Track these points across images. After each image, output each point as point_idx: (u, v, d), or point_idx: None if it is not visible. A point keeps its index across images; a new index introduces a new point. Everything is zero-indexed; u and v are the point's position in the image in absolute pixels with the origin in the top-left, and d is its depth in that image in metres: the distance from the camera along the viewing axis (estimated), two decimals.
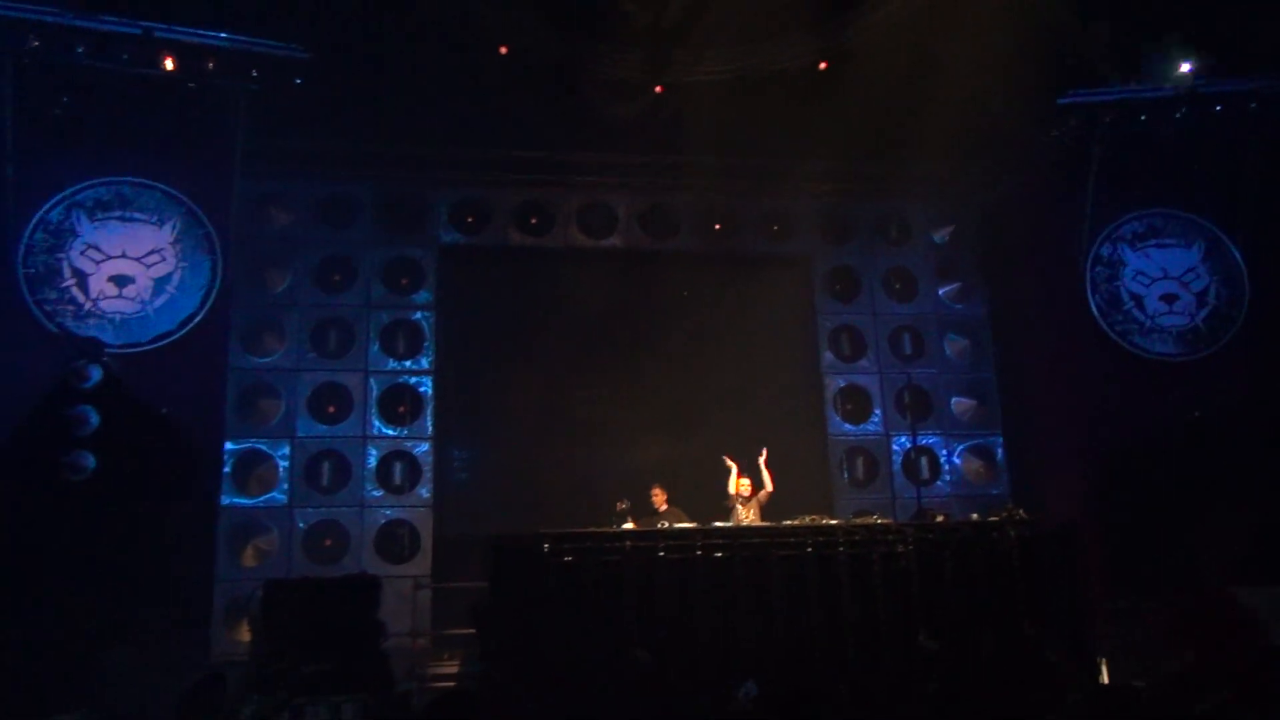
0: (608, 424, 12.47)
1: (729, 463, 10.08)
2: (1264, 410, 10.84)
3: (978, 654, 8.58)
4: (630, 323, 12.59)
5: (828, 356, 13.08)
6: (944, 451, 12.79)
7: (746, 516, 9.83)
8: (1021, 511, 9.43)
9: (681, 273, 12.75)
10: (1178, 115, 11.40)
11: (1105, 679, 9.20)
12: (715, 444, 10.56)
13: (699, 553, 8.77)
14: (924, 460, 12.68)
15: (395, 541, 11.40)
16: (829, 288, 13.36)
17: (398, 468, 11.69)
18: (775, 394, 12.63)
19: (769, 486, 9.98)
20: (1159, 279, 12.08)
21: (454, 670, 9.29)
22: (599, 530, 8.93)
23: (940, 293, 13.44)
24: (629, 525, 9.34)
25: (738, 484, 10.00)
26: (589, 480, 11.72)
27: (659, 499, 10.12)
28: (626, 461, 11.77)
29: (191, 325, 10.48)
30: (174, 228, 10.66)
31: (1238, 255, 12.03)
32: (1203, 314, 11.91)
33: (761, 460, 10.09)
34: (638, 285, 12.69)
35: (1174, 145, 11.69)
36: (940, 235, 13.67)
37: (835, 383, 13.00)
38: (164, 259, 10.58)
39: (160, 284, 10.52)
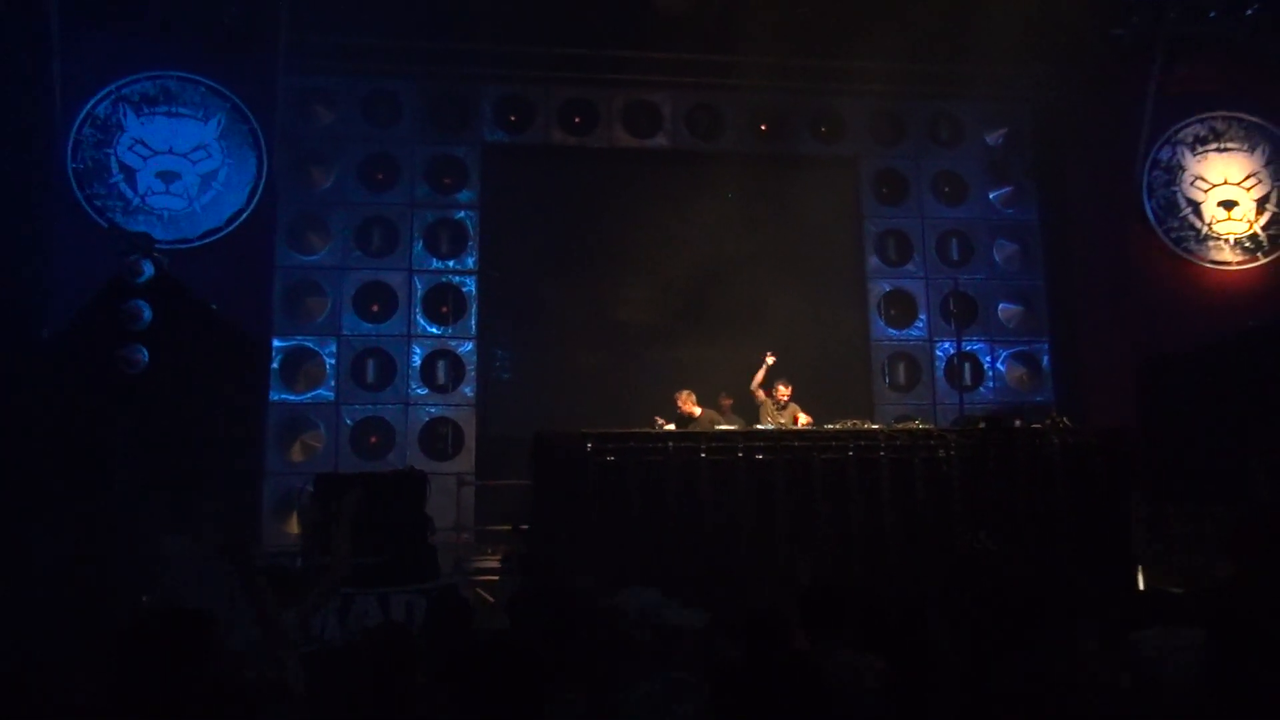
0: (650, 326, 12.47)
1: (768, 358, 10.09)
2: None
3: (1022, 556, 8.61)
4: (674, 225, 12.46)
5: (873, 261, 12.93)
6: (988, 358, 12.70)
7: (784, 421, 9.83)
8: (1065, 419, 9.36)
9: (727, 174, 12.57)
10: (1248, 13, 10.93)
11: (1141, 586, 9.23)
12: (757, 347, 10.55)
13: (740, 455, 8.82)
14: (967, 366, 12.60)
15: (439, 439, 11.59)
16: (876, 190, 13.14)
17: (441, 366, 11.83)
18: (820, 298, 12.55)
19: (804, 417, 9.94)
20: (1218, 185, 11.75)
21: (497, 565, 9.51)
22: (641, 430, 8.99)
23: (991, 197, 13.17)
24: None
25: (775, 385, 9.98)
26: (631, 382, 11.80)
27: (687, 404, 10.11)
28: (668, 364, 11.82)
29: (239, 222, 10.55)
30: (219, 123, 10.65)
31: None
32: (1262, 221, 11.59)
33: (767, 363, 10.03)
34: (682, 187, 12.55)
35: (1241, 45, 11.23)
36: (994, 138, 13.34)
37: (880, 287, 12.88)
38: (210, 155, 10.60)
39: (207, 180, 10.56)
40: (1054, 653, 4.25)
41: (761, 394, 10.18)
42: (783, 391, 10.00)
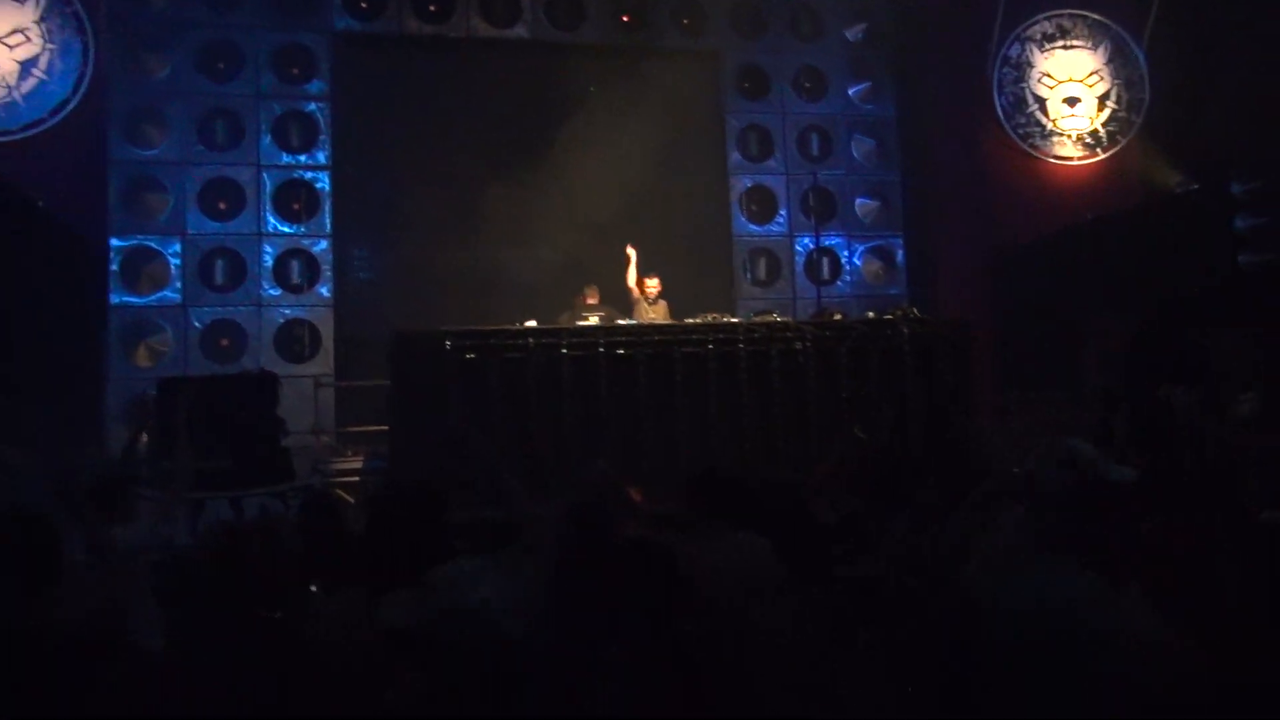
0: (514, 221, 12.23)
1: (629, 251, 10.06)
2: (1154, 213, 11.14)
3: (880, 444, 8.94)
4: (536, 118, 12.19)
5: (735, 156, 12.95)
6: (845, 252, 12.96)
7: (655, 316, 9.87)
8: (915, 310, 9.68)
9: (588, 66, 12.34)
10: None
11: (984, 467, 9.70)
12: (622, 243, 10.51)
13: (602, 350, 8.85)
14: (826, 261, 12.84)
15: (295, 341, 11.26)
16: (738, 85, 13.09)
17: (295, 266, 11.43)
18: (682, 193, 12.53)
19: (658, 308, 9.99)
20: (1063, 81, 12.11)
21: (358, 465, 9.40)
22: (501, 328, 8.91)
23: (850, 93, 13.28)
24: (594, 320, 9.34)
25: (640, 279, 10.00)
26: (495, 278, 11.63)
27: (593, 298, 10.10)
28: (533, 259, 11.69)
29: (65, 113, 9.89)
30: (37, 4, 9.85)
31: (1141, 58, 12.07)
32: (1103, 117, 12.03)
33: (630, 256, 10.04)
34: (544, 79, 12.26)
35: None
36: (853, 33, 13.38)
37: (741, 183, 12.93)
38: (28, 39, 9.82)
39: (26, 67, 9.81)
40: (919, 529, 4.45)
41: (635, 290, 10.17)
42: (651, 286, 10.00)
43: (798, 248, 12.85)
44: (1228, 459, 5.74)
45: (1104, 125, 12.03)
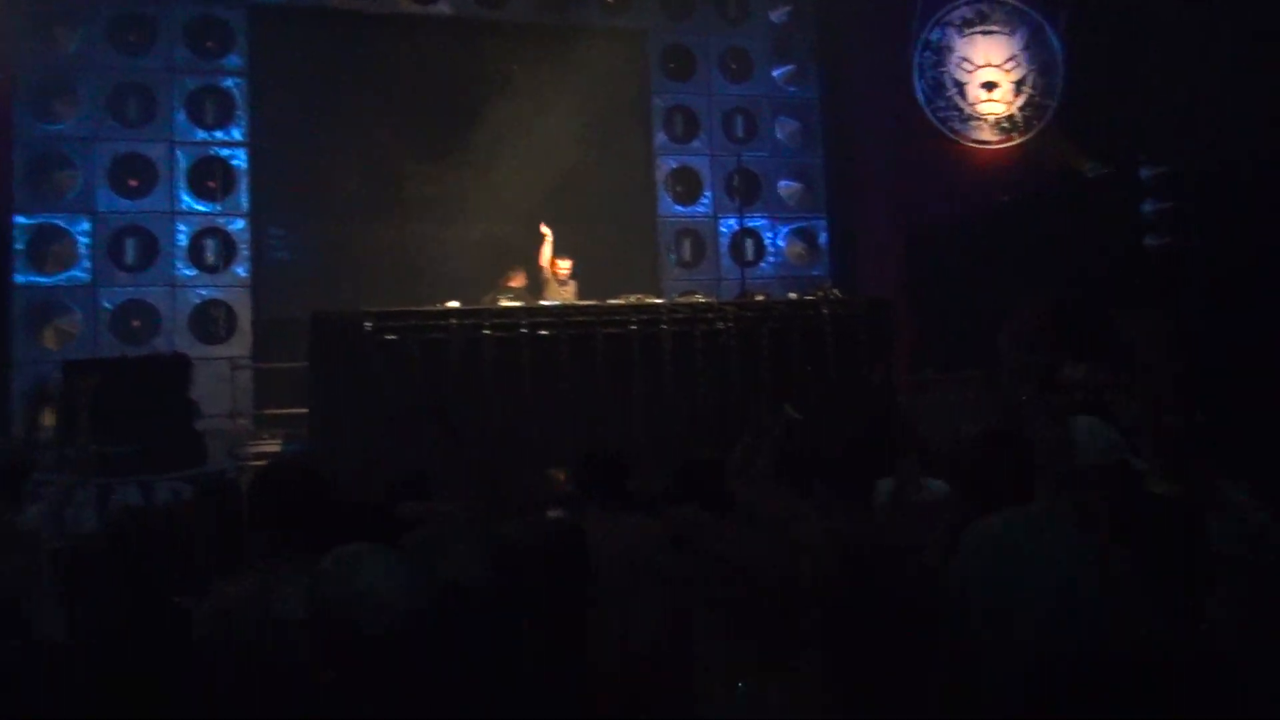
0: (438, 201, 12.11)
1: (544, 229, 10.01)
2: (1068, 196, 11.39)
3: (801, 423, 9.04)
4: (460, 97, 12.04)
5: (660, 137, 12.96)
6: (769, 234, 13.06)
7: (565, 298, 9.84)
8: (836, 290, 9.81)
9: (512, 44, 12.23)
10: None
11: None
12: (546, 222, 10.44)
13: (524, 331, 8.82)
14: (750, 242, 12.92)
15: (211, 322, 11.03)
16: (664, 66, 13.08)
17: (211, 245, 11.17)
18: (607, 174, 12.48)
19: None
20: (982, 66, 12.30)
21: (275, 449, 9.25)
22: (422, 309, 8.83)
23: (774, 75, 13.36)
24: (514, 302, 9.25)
25: (553, 260, 9.96)
26: (419, 259, 11.50)
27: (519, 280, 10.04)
28: (458, 240, 11.58)
29: None
30: None
31: (1057, 44, 12.32)
32: (1019, 102, 12.26)
33: (545, 235, 10.00)
34: (467, 57, 12.14)
35: None
36: (778, 15, 13.45)
37: (667, 164, 12.95)
38: None
39: None
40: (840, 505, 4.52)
41: (548, 269, 10.13)
42: (562, 267, 9.96)
43: (722, 229, 12.91)
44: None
45: (1020, 110, 12.26)
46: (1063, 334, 9.33)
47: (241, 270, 11.22)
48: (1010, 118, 12.23)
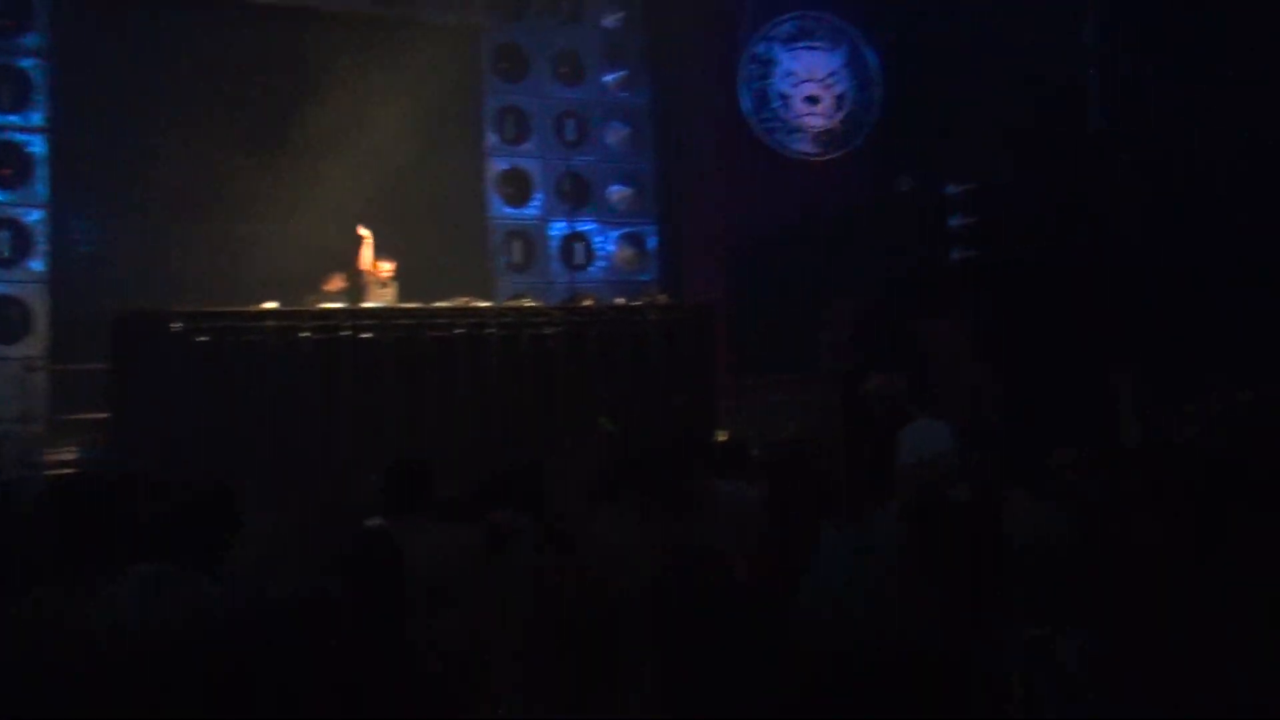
0: (257, 196, 11.60)
1: (362, 232, 9.79)
2: (882, 209, 11.93)
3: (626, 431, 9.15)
4: (283, 88, 11.60)
5: (491, 138, 12.85)
6: (599, 238, 13.13)
7: (386, 301, 9.65)
8: (663, 296, 9.98)
9: (340, 36, 11.87)
10: None
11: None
12: (371, 222, 10.21)
13: (346, 334, 8.61)
14: (580, 246, 12.98)
15: (2, 320, 10.28)
16: (496, 65, 12.98)
17: (3, 237, 10.42)
18: (436, 173, 12.29)
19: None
20: (805, 80, 12.73)
21: (73, 457, 8.72)
22: (236, 309, 8.51)
23: (606, 79, 13.45)
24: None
25: (374, 262, 9.76)
26: (238, 256, 11.04)
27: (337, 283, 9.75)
28: (279, 237, 11.15)
29: None
30: None
31: (874, 62, 12.87)
32: (839, 116, 12.75)
33: (363, 237, 9.84)
34: (291, 47, 11.68)
35: None
36: (610, 20, 13.53)
37: (497, 165, 12.85)
38: None
39: None
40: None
41: (369, 272, 9.90)
42: (384, 269, 9.77)
43: (552, 232, 12.91)
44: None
45: (840, 124, 12.75)
46: (871, 341, 9.77)
47: (38, 264, 10.51)
48: (831, 131, 12.70)
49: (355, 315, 8.79)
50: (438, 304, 9.30)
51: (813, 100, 12.64)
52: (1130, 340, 9.50)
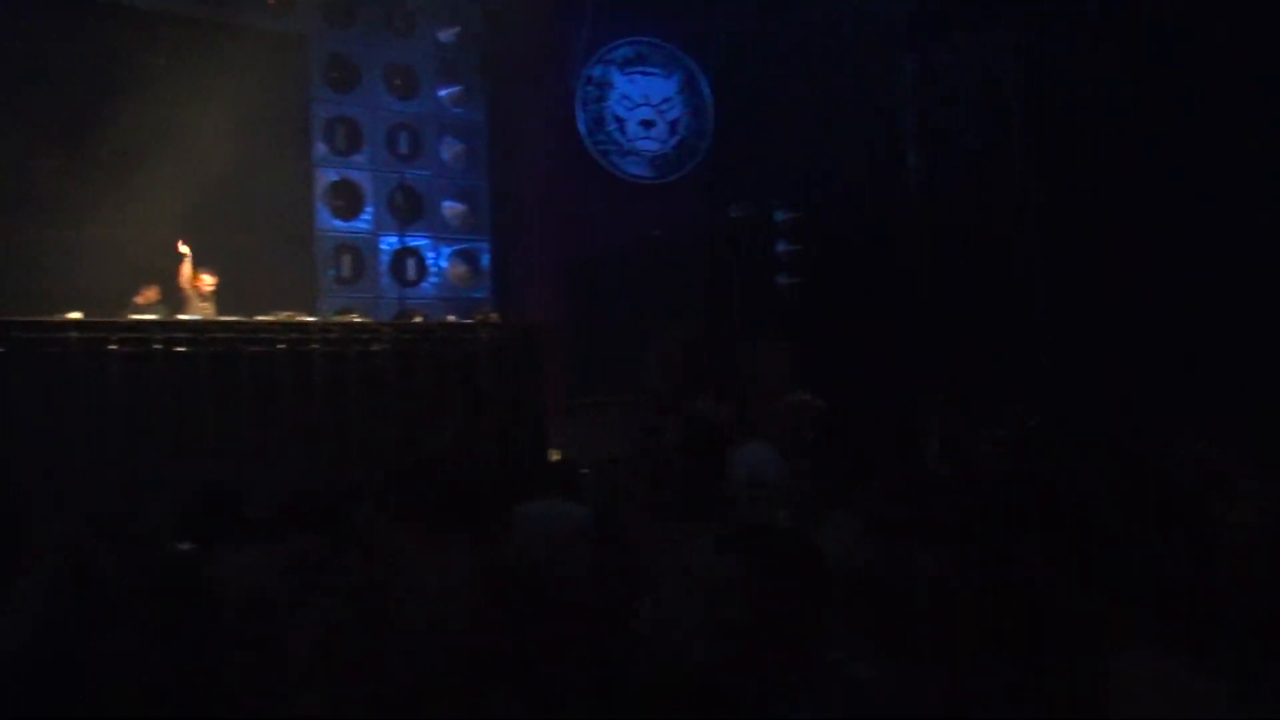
0: (70, 201, 10.93)
1: (182, 248, 9.42)
2: (713, 234, 12.23)
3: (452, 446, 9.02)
4: (99, 89, 10.96)
5: (320, 148, 12.52)
6: (432, 254, 12.97)
7: (206, 315, 9.28)
8: (494, 315, 9.93)
9: (162, 36, 11.35)
10: None
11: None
12: (191, 231, 9.80)
13: (158, 347, 8.20)
14: (411, 262, 12.78)
15: None
16: (327, 74, 12.66)
17: None
18: (262, 182, 11.85)
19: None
20: (641, 104, 12.96)
21: None
22: (36, 319, 7.99)
23: (441, 94, 13.31)
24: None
25: (195, 275, 9.39)
26: (46, 264, 10.33)
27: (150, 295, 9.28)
28: (93, 245, 10.51)
29: None
30: None
31: (707, 91, 13.21)
32: (673, 141, 13.02)
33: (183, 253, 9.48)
34: (111, 45, 11.10)
35: None
36: (446, 35, 13.42)
37: (326, 176, 12.53)
38: None
39: None
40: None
41: (189, 286, 9.50)
42: (207, 282, 9.40)
43: (383, 246, 12.67)
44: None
45: (674, 149, 13.02)
46: (698, 364, 10.00)
47: None
48: (665, 156, 12.96)
49: (168, 328, 8.38)
50: (259, 318, 8.96)
51: (647, 124, 12.87)
52: (939, 368, 10.06)
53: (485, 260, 13.29)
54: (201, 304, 9.34)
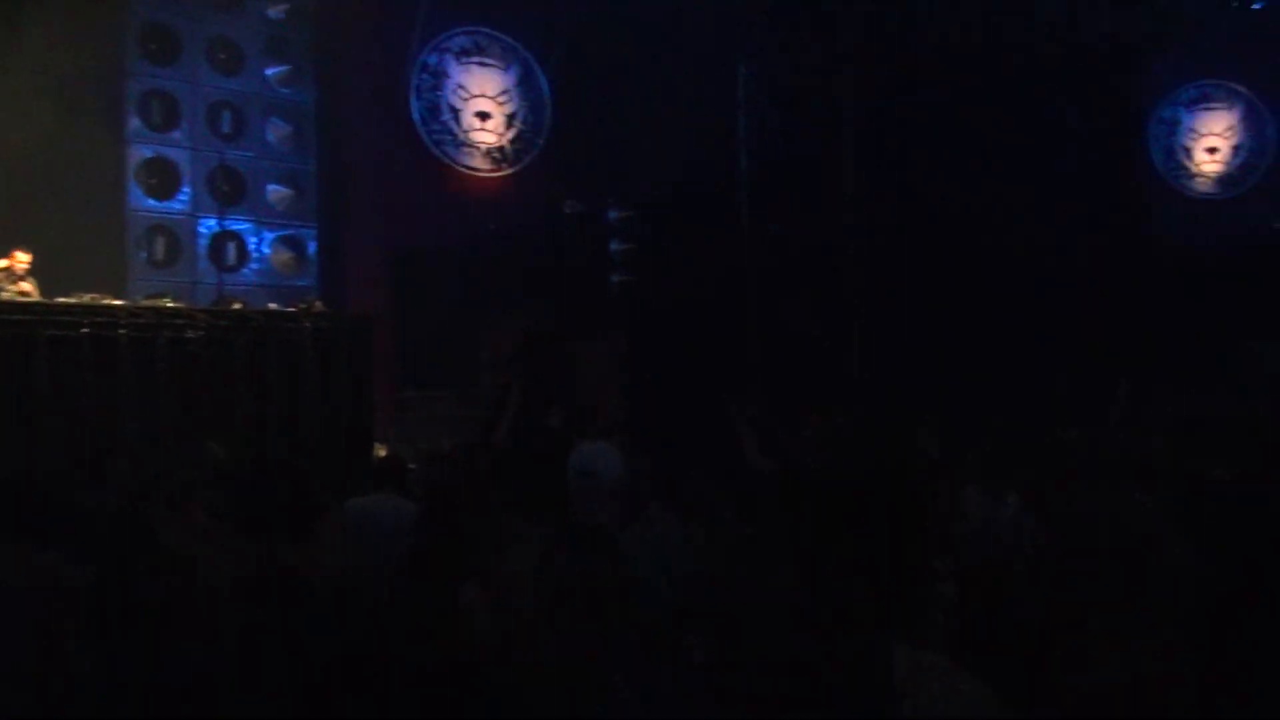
0: None
1: None
2: (548, 230, 12.19)
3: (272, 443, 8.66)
4: None
5: (134, 123, 11.80)
6: (254, 239, 12.43)
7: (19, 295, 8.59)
8: (319, 304, 9.59)
9: None
10: None
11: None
12: None
13: None
14: (232, 246, 12.22)
15: None
16: (143, 45, 11.95)
17: None
18: (69, 156, 11.07)
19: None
20: (477, 96, 12.78)
21: None
22: None
23: (268, 73, 12.77)
24: None
25: (12, 254, 8.70)
26: None
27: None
28: None
29: None
30: None
31: (546, 87, 13.15)
32: (510, 134, 12.90)
33: None
34: None
35: None
36: (275, 11, 12.87)
37: (140, 153, 11.82)
38: None
39: None
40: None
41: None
42: (21, 260, 8.69)
43: (201, 229, 12.05)
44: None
45: (511, 143, 12.89)
46: (530, 360, 9.94)
47: None
48: (501, 149, 12.82)
49: None
50: (60, 299, 8.37)
51: (484, 116, 12.71)
52: (755, 365, 10.34)
53: (311, 247, 12.82)
54: (16, 284, 8.62)
